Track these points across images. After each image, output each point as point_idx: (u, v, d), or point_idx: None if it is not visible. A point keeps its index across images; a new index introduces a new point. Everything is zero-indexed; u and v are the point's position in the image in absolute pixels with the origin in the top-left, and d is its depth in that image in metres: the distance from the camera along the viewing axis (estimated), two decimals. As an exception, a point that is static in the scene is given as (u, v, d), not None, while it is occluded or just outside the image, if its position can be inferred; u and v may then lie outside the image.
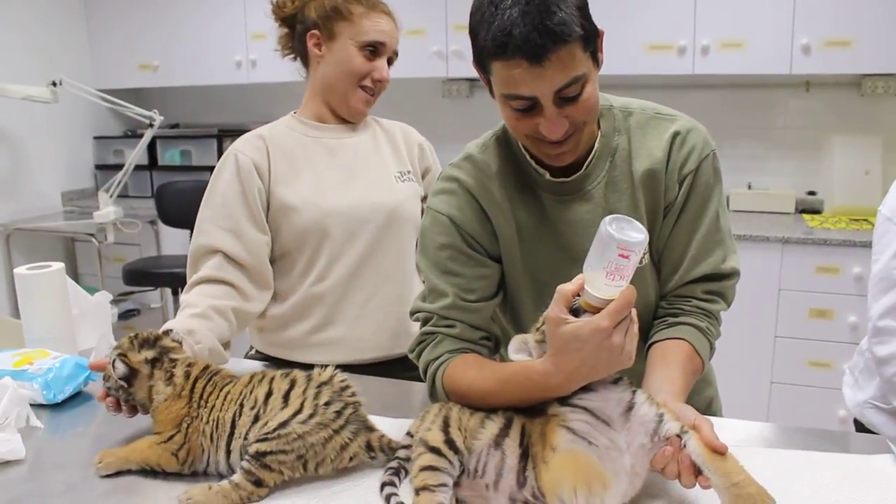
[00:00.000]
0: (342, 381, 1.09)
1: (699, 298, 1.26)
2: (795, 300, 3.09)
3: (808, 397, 3.13)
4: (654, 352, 1.21)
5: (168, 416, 1.12)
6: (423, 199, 1.78)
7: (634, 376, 1.06)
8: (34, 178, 4.27)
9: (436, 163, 1.83)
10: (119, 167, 4.00)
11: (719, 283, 1.26)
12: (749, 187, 3.63)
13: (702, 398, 1.40)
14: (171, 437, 1.11)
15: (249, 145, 1.62)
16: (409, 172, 1.74)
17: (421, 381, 1.29)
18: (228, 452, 1.08)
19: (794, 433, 1.23)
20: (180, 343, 1.22)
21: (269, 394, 1.07)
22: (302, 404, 1.04)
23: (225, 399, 1.10)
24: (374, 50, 1.63)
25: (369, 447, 1.08)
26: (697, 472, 0.93)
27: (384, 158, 1.73)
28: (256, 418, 1.05)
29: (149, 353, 1.16)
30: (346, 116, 1.70)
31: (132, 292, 4.23)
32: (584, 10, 1.07)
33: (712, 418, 1.21)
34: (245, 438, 1.05)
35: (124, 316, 4.28)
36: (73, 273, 4.54)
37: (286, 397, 1.06)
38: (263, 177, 1.60)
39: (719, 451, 0.92)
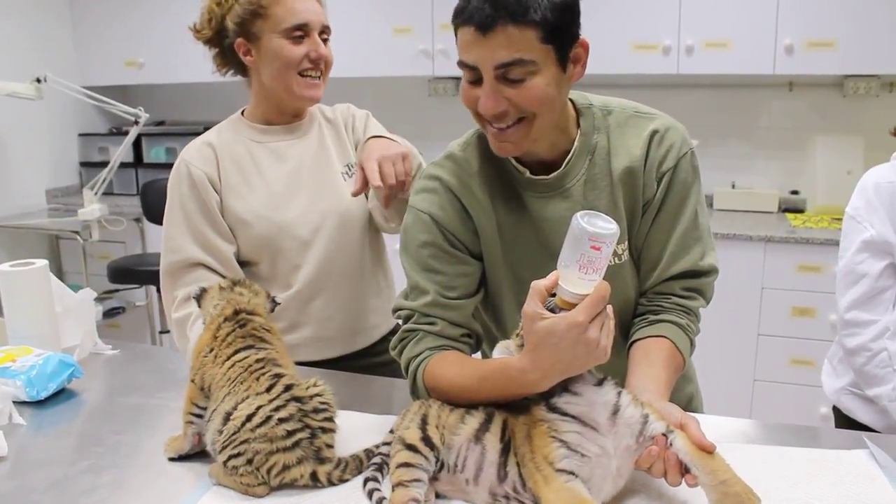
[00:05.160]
0: (322, 402, 1.08)
1: (678, 295, 1.27)
2: (778, 299, 3.12)
3: (791, 395, 3.16)
4: (636, 350, 1.22)
5: (200, 343, 1.16)
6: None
7: (616, 374, 1.08)
8: (18, 175, 4.24)
9: (367, 130, 1.73)
10: (104, 164, 3.98)
11: (698, 279, 1.27)
12: (733, 186, 3.65)
13: (682, 395, 1.41)
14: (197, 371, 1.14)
15: (199, 156, 1.60)
16: (354, 165, 1.71)
17: (388, 374, 1.29)
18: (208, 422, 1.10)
19: (773, 429, 1.25)
20: (273, 302, 1.26)
21: (246, 396, 1.06)
22: (258, 409, 1.03)
23: (228, 370, 1.09)
24: (300, 34, 1.56)
25: (314, 477, 1.05)
26: (684, 470, 0.94)
27: (330, 157, 1.70)
28: (227, 418, 1.05)
29: (224, 283, 1.24)
30: (299, 106, 1.66)
31: (117, 290, 4.21)
32: (562, 8, 1.07)
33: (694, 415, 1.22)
34: (218, 435, 1.06)
35: (109, 314, 4.25)
36: (58, 271, 4.51)
37: (252, 399, 1.05)
38: (217, 188, 1.59)
39: (707, 450, 0.93)
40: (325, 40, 1.61)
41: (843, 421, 1.66)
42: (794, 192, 3.59)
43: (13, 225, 4.02)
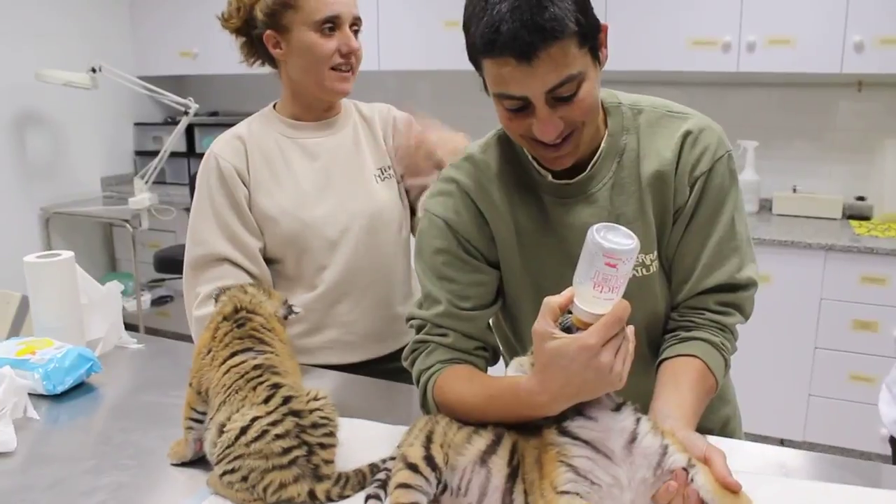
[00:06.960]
0: (323, 417, 1.03)
1: (713, 311, 1.17)
2: (838, 310, 2.96)
3: (848, 412, 3.01)
4: (664, 371, 1.14)
5: (199, 344, 1.13)
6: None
7: (644, 394, 1.00)
8: (74, 162, 4.34)
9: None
10: (158, 154, 4.04)
11: (734, 293, 1.17)
12: (794, 190, 3.48)
13: (717, 417, 1.32)
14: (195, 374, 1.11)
15: (229, 148, 1.57)
16: (389, 168, 1.68)
17: (409, 381, 1.25)
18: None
19: (815, 461, 1.15)
20: (289, 309, 1.21)
21: (242, 406, 1.02)
22: (252, 422, 0.99)
23: (223, 376, 1.05)
24: (332, 25, 1.52)
25: (312, 496, 1.00)
26: None
27: (363, 157, 1.66)
28: (222, 430, 1.02)
29: (239, 286, 1.20)
30: (328, 100, 1.62)
31: (165, 279, 4.27)
32: (581, 4, 1.00)
33: (725, 441, 1.13)
34: (214, 446, 1.02)
35: (157, 302, 4.31)
36: (111, 258, 4.60)
37: (248, 410, 1.01)
38: (245, 182, 1.56)
39: (732, 489, 0.86)
40: (355, 32, 1.57)
41: (902, 455, 1.52)
42: (860, 199, 3.40)
43: (68, 212, 4.12)
